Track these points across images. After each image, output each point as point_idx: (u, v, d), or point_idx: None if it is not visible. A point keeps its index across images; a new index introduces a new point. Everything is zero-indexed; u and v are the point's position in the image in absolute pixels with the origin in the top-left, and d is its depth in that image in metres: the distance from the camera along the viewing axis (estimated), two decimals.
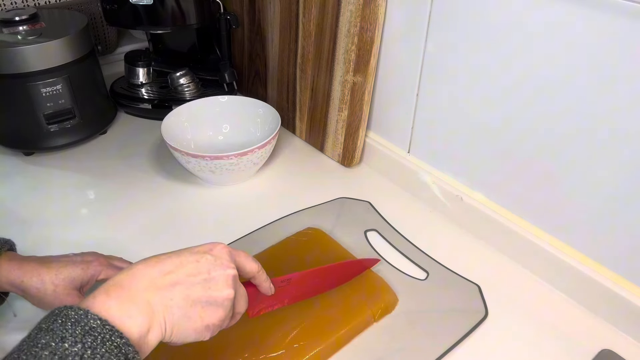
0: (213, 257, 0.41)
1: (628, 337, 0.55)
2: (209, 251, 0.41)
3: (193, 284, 0.39)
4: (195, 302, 0.39)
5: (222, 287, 0.40)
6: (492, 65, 0.58)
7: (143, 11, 0.81)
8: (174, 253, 0.41)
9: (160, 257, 0.40)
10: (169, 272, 0.38)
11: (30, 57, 0.73)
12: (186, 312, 0.38)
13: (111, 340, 0.33)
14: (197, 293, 0.39)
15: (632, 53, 0.46)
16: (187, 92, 0.93)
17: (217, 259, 0.41)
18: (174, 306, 0.38)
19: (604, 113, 0.50)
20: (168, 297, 0.37)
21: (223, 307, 0.40)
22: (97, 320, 0.33)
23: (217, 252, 0.42)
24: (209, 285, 0.39)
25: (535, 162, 0.58)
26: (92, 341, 0.32)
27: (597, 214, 0.55)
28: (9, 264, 0.50)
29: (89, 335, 0.32)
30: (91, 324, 0.33)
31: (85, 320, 0.33)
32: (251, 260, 0.45)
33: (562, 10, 0.49)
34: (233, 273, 0.41)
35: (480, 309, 0.57)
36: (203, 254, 0.41)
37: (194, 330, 0.39)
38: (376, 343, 0.53)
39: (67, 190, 0.75)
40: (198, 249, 0.41)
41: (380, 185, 0.78)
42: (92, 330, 0.32)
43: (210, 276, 0.40)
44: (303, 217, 0.70)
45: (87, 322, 0.33)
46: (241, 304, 0.43)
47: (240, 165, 0.71)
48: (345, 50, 0.71)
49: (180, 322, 0.38)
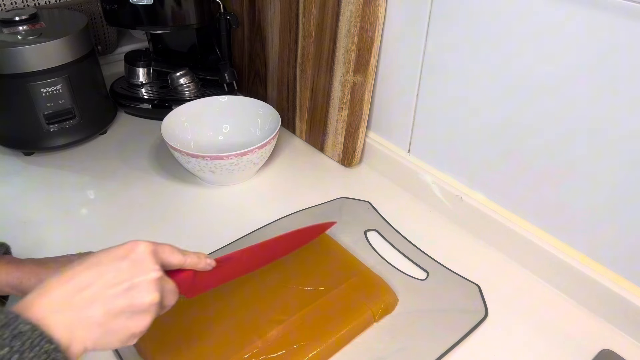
0: (133, 262, 0.38)
1: (628, 337, 0.55)
2: (129, 254, 0.39)
3: (114, 296, 0.36)
4: (118, 314, 0.37)
5: (146, 292, 0.38)
6: (492, 65, 0.58)
7: (143, 11, 0.81)
8: (91, 262, 0.38)
9: (75, 270, 0.37)
10: (85, 286, 0.36)
11: (30, 57, 0.73)
12: (109, 327, 0.36)
13: (40, 346, 0.32)
14: (120, 305, 0.37)
15: (632, 53, 0.46)
16: (187, 92, 0.93)
17: (137, 263, 0.38)
18: (93, 324, 0.36)
19: (604, 113, 0.50)
20: (86, 315, 0.35)
21: (149, 313, 0.38)
22: (27, 325, 0.32)
23: (138, 255, 0.39)
24: (132, 294, 0.37)
25: (536, 162, 0.58)
26: (21, 345, 0.31)
27: (597, 214, 0.55)
28: (7, 266, 0.50)
29: (17, 339, 0.31)
30: (20, 327, 0.32)
31: (14, 323, 0.32)
32: (177, 253, 0.43)
33: (562, 10, 0.49)
34: (157, 276, 0.39)
35: (480, 309, 0.57)
36: (122, 260, 0.38)
37: (119, 341, 0.37)
38: (376, 343, 0.53)
39: (67, 190, 0.75)
40: (117, 253, 0.39)
41: (380, 185, 0.78)
42: (20, 334, 0.32)
43: (132, 283, 0.37)
44: (303, 217, 0.69)
45: (16, 326, 0.32)
46: (169, 298, 0.41)
47: (240, 165, 0.71)
48: (345, 50, 0.71)
49: (102, 337, 0.36)
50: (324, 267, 0.60)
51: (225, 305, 0.54)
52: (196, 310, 0.53)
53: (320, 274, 0.59)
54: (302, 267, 0.60)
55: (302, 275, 0.59)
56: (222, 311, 0.54)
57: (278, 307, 0.54)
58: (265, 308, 0.54)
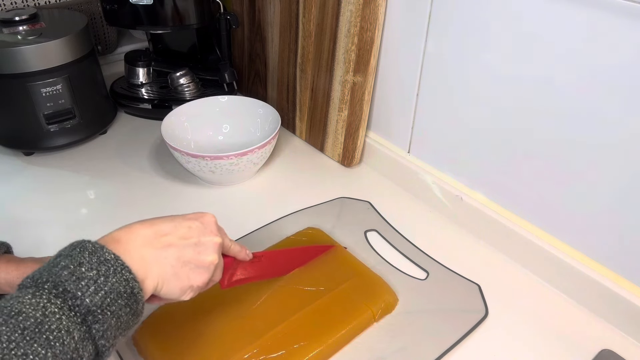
0: (203, 224, 0.44)
1: (628, 337, 0.55)
2: (200, 218, 0.45)
3: (185, 246, 0.42)
4: (186, 263, 0.42)
5: (210, 252, 0.43)
6: (493, 65, 0.58)
7: (143, 11, 0.81)
8: (168, 218, 0.44)
9: (155, 220, 0.43)
10: (164, 234, 0.41)
11: (30, 57, 0.73)
12: (177, 271, 0.41)
13: (121, 273, 0.36)
14: (188, 255, 0.42)
15: (632, 53, 0.46)
16: (187, 92, 0.93)
17: (206, 226, 0.45)
18: (167, 264, 0.41)
19: (604, 113, 0.50)
20: (162, 256, 0.40)
21: (208, 271, 0.43)
22: (111, 254, 0.37)
23: (207, 221, 0.45)
24: (199, 250, 0.43)
25: (536, 162, 0.58)
26: (106, 270, 0.36)
27: (597, 214, 0.55)
28: (7, 265, 0.50)
29: (103, 265, 0.36)
30: (106, 256, 0.36)
31: (101, 252, 0.37)
32: (227, 237, 0.49)
33: (562, 10, 0.49)
34: (220, 241, 0.45)
35: (480, 308, 0.57)
36: (194, 220, 0.44)
37: (180, 289, 0.42)
38: (376, 343, 0.53)
39: (67, 190, 0.75)
40: (190, 216, 0.45)
41: (380, 185, 0.78)
42: (106, 261, 0.36)
43: (200, 241, 0.43)
44: (303, 217, 0.69)
45: (102, 254, 0.36)
46: (217, 272, 0.46)
47: (240, 165, 0.71)
48: (345, 50, 0.71)
49: (170, 279, 0.41)
50: (324, 267, 0.60)
51: (225, 305, 0.54)
52: (196, 310, 0.53)
53: (320, 274, 0.59)
54: (302, 268, 0.60)
55: (302, 275, 0.59)
56: (223, 311, 0.53)
57: (278, 307, 0.54)
58: (265, 308, 0.54)
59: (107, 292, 0.35)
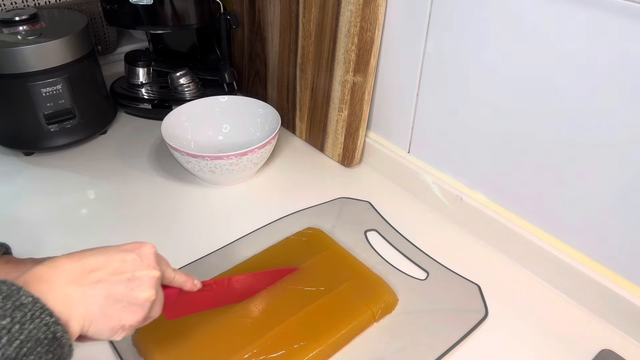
0: (139, 257, 0.40)
1: (628, 337, 0.55)
2: (136, 250, 0.41)
3: (116, 282, 0.38)
4: (117, 301, 0.38)
5: (145, 288, 0.40)
6: (493, 65, 0.58)
7: (143, 11, 0.81)
8: (100, 250, 0.40)
9: (85, 253, 0.39)
10: (93, 269, 0.38)
11: (30, 57, 0.73)
12: (106, 310, 0.38)
13: (40, 318, 0.33)
14: (120, 292, 0.38)
15: (632, 53, 0.46)
16: (187, 92, 0.93)
17: (143, 259, 0.41)
18: (94, 303, 0.37)
19: (604, 113, 0.50)
20: (89, 294, 0.37)
21: (143, 309, 0.40)
22: (29, 297, 0.33)
23: (144, 253, 0.41)
24: (133, 286, 0.39)
25: (536, 162, 0.58)
26: (22, 317, 0.32)
27: (598, 214, 0.55)
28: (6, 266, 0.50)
29: (18, 311, 0.32)
30: (22, 299, 0.33)
31: (17, 295, 0.33)
32: (170, 268, 0.44)
33: (562, 10, 0.49)
34: (157, 275, 0.41)
35: (480, 308, 0.57)
36: (130, 253, 0.40)
37: (109, 329, 0.38)
38: (376, 343, 0.53)
39: (67, 190, 0.75)
40: (125, 247, 0.41)
41: (380, 185, 0.78)
42: (22, 306, 0.33)
43: (134, 275, 0.39)
44: (303, 217, 0.69)
45: (18, 298, 0.33)
46: (156, 308, 0.42)
47: (240, 165, 0.71)
48: (345, 50, 0.71)
49: (98, 319, 0.37)
50: (324, 267, 0.60)
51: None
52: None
53: (320, 274, 0.59)
54: (302, 268, 0.60)
55: (302, 275, 0.59)
56: (223, 311, 0.53)
57: (278, 307, 0.54)
58: (265, 308, 0.54)
59: (22, 342, 0.32)
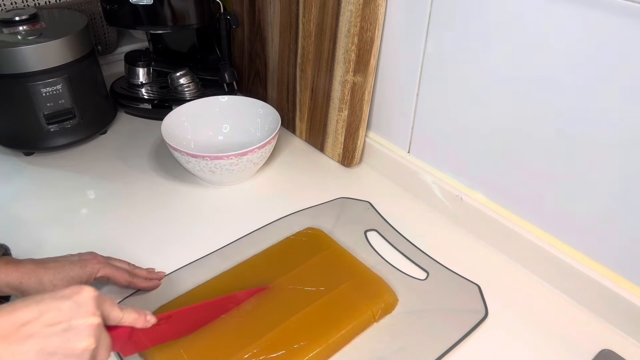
0: (77, 303, 0.38)
1: (628, 337, 0.55)
2: (74, 296, 0.38)
3: (50, 335, 0.36)
4: (52, 354, 0.36)
5: (83, 337, 0.37)
6: (493, 65, 0.58)
7: (143, 11, 0.82)
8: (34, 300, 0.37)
9: (17, 306, 0.36)
10: (25, 322, 0.35)
11: (30, 57, 0.73)
12: None
13: None
14: (54, 345, 0.36)
15: (632, 53, 0.46)
16: (187, 92, 0.93)
17: (81, 305, 0.38)
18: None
19: (604, 113, 0.50)
20: (19, 351, 0.35)
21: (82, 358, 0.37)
22: None
23: (82, 299, 0.38)
24: (68, 336, 0.36)
25: (536, 162, 0.58)
26: None
27: (598, 214, 0.55)
28: (6, 267, 0.50)
29: None
30: None
31: None
32: (116, 308, 0.42)
33: (562, 10, 0.49)
34: (97, 321, 0.38)
35: (480, 309, 0.57)
36: (66, 300, 0.38)
37: None
38: (376, 343, 0.53)
39: (67, 190, 0.75)
40: (62, 294, 0.38)
41: (380, 185, 0.78)
42: None
43: (70, 325, 0.37)
44: (303, 217, 0.69)
45: None
46: (102, 353, 0.39)
47: (240, 165, 0.71)
48: (345, 50, 0.71)
49: None
50: (324, 267, 0.60)
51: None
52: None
53: (320, 274, 0.59)
54: (302, 268, 0.60)
55: (302, 275, 0.59)
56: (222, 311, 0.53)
57: (278, 307, 0.54)
58: (265, 308, 0.54)
59: None
